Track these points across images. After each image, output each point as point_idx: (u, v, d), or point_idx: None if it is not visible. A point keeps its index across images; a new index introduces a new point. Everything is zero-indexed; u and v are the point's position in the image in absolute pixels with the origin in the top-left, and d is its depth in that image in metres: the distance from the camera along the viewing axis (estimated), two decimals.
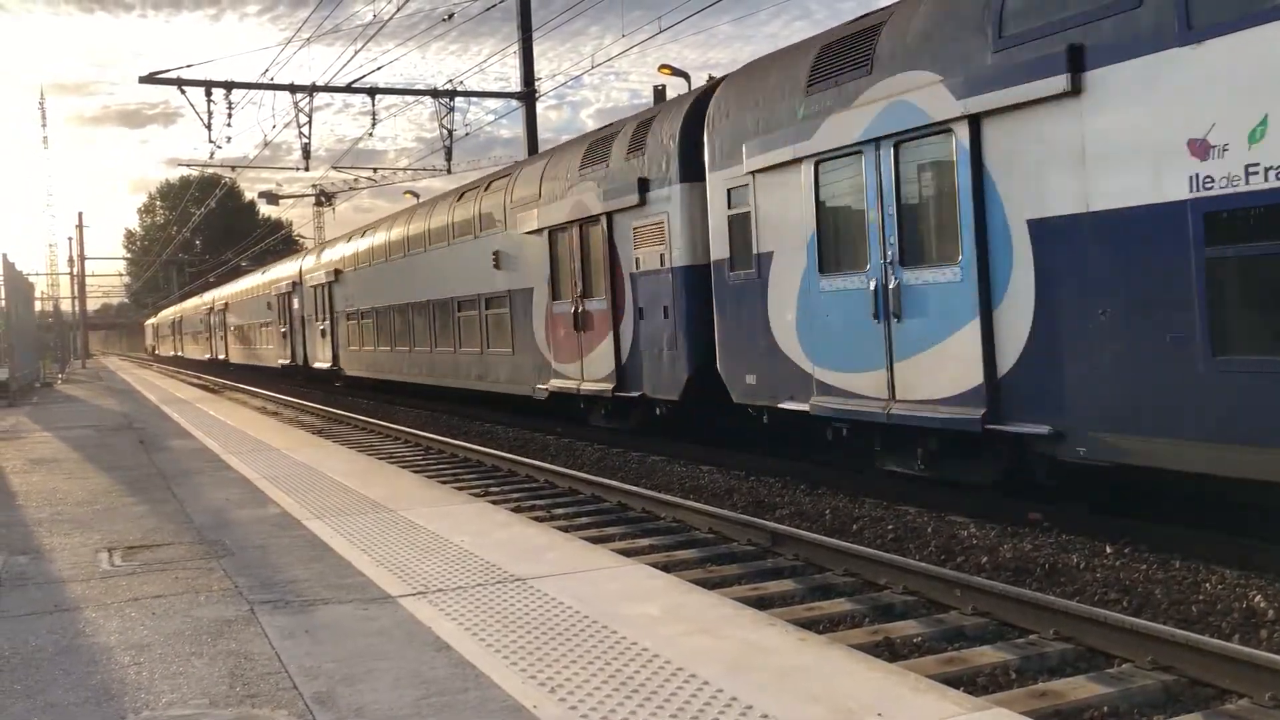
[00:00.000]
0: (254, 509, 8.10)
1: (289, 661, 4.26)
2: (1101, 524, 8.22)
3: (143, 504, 8.60)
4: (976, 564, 7.58)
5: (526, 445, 15.72)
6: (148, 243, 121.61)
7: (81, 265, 68.63)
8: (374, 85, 27.79)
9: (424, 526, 7.06)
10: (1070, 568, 7.34)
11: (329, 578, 5.71)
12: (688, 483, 11.63)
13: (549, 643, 4.36)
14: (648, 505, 10.18)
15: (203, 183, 76.43)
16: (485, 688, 3.87)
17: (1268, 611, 6.18)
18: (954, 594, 6.61)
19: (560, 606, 4.92)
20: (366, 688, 3.92)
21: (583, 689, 3.80)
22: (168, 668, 4.26)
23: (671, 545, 8.75)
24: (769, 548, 8.30)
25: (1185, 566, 7.16)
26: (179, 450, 12.71)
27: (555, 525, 8.87)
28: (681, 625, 4.58)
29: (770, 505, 10.09)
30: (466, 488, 11.82)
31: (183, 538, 7.06)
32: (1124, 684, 5.17)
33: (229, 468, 10.76)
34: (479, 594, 5.21)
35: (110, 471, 10.80)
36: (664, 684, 3.82)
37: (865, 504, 9.81)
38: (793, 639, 4.40)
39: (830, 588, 7.23)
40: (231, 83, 26.30)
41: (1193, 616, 6.24)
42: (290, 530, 7.15)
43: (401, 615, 4.90)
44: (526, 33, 27.11)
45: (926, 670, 5.14)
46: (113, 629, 4.89)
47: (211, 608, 5.19)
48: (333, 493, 8.78)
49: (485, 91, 77.83)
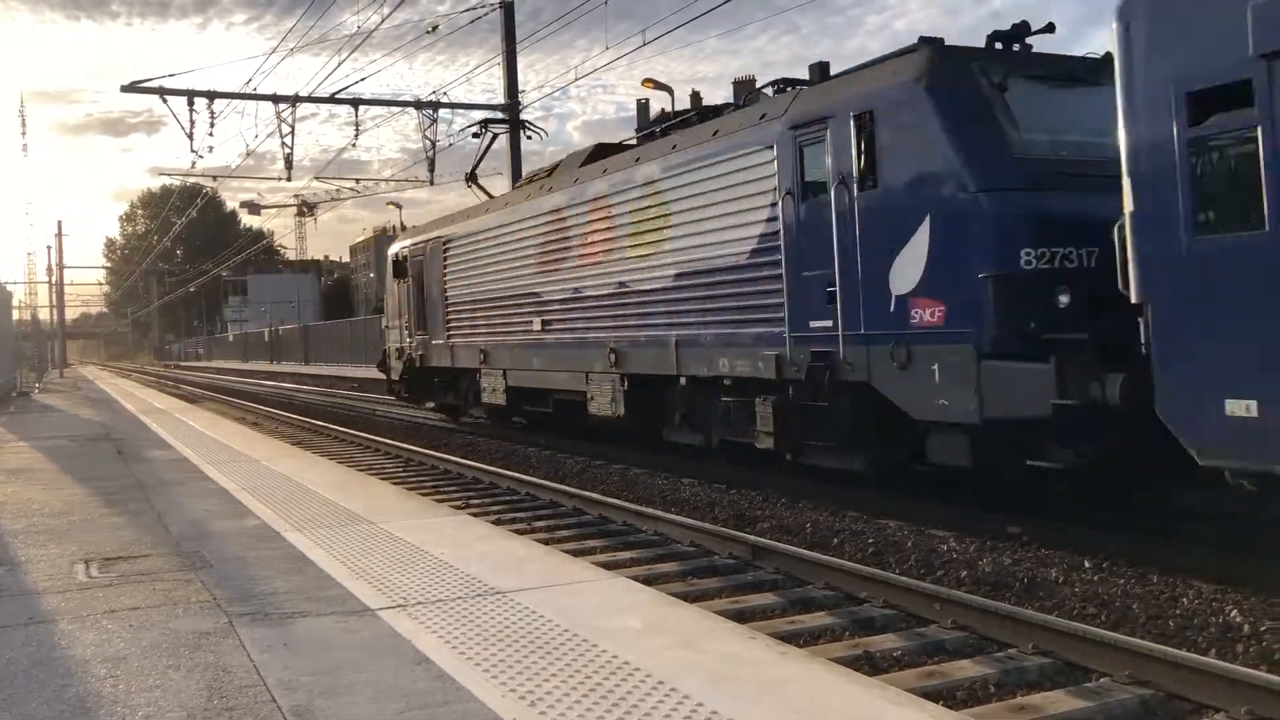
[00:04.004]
0: (233, 520, 8.05)
1: (267, 674, 4.24)
2: (1080, 538, 8.26)
3: (120, 515, 8.54)
4: (956, 578, 7.61)
5: (508, 458, 15.67)
6: (128, 251, 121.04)
7: (60, 274, 68.21)
8: (357, 96, 27.78)
9: (404, 539, 7.03)
10: (1049, 582, 7.37)
11: (308, 590, 5.68)
12: (669, 495, 11.63)
13: (529, 656, 4.35)
14: (629, 518, 10.17)
15: (184, 192, 76.23)
16: (465, 701, 3.86)
17: (1244, 626, 6.22)
18: (934, 608, 6.63)
19: (541, 619, 4.91)
20: (346, 701, 3.90)
21: (563, 702, 3.79)
22: (144, 680, 4.23)
23: (653, 558, 8.74)
24: (750, 561, 8.30)
25: (1163, 581, 7.20)
26: (157, 461, 12.63)
27: (536, 538, 8.85)
28: (662, 638, 4.58)
29: (751, 518, 10.10)
30: (447, 500, 11.78)
31: (161, 549, 7.02)
32: (1102, 698, 5.19)
33: (208, 479, 10.70)
34: (460, 607, 5.20)
35: (87, 482, 10.72)
36: (645, 697, 3.82)
37: (846, 517, 9.83)
38: (773, 652, 4.41)
39: (811, 601, 7.24)
40: (214, 92, 26.23)
41: (1170, 631, 6.27)
42: (269, 542, 7.11)
43: (381, 628, 4.88)
44: (511, 45, 27.16)
45: (906, 684, 5.15)
46: (89, 641, 4.85)
47: (189, 620, 5.15)
48: (312, 504, 8.74)
49: (469, 104, 77.99)
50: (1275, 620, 6.29)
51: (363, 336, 57.96)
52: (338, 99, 27.34)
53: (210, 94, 26.16)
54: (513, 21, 27.15)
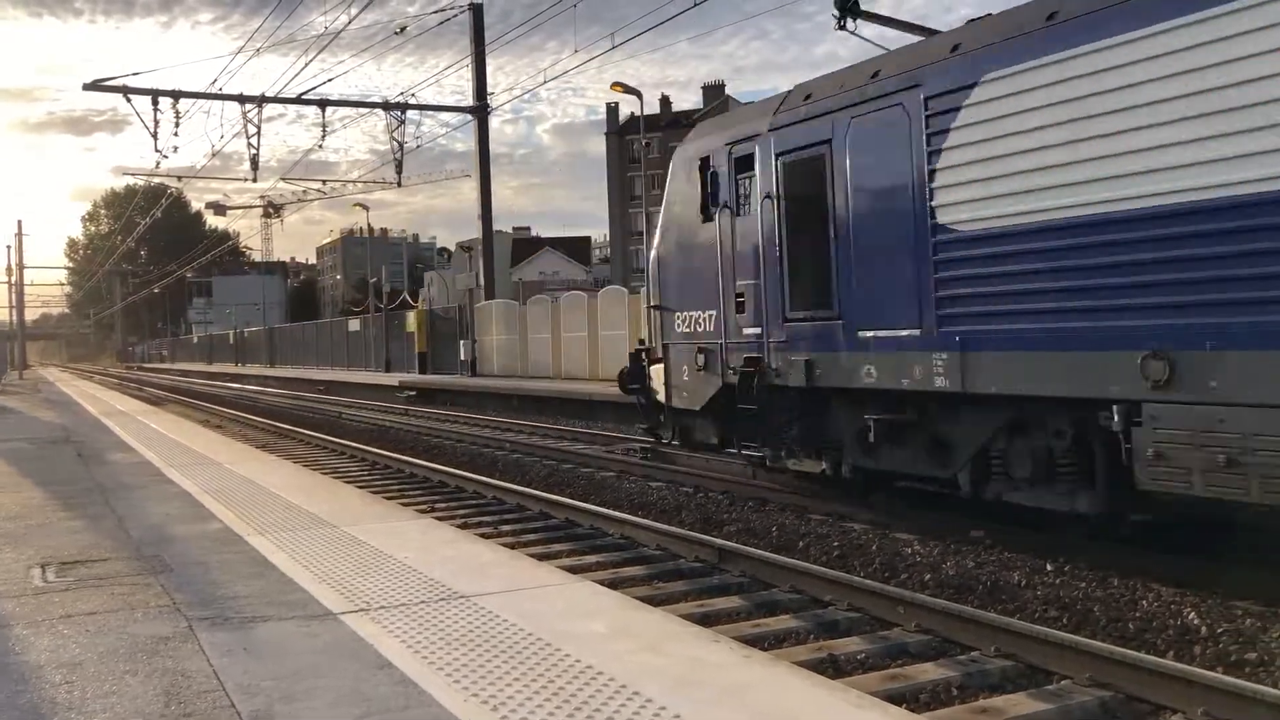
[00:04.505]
0: (195, 524, 7.96)
1: (227, 679, 4.19)
2: (1042, 542, 8.33)
3: (80, 519, 8.42)
4: (920, 581, 7.66)
5: (474, 461, 15.61)
6: (91, 252, 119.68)
7: (20, 274, 67.20)
8: (324, 97, 27.67)
9: (368, 543, 6.99)
10: (1011, 585, 7.44)
11: (270, 594, 5.62)
12: (636, 499, 11.63)
13: (492, 660, 4.33)
14: (596, 521, 10.16)
15: (149, 192, 75.38)
16: (427, 705, 3.83)
17: (1201, 628, 6.30)
18: (897, 611, 6.66)
19: (505, 624, 4.89)
20: (305, 706, 3.86)
21: (525, 706, 3.77)
22: (101, 686, 4.17)
23: (619, 562, 8.74)
24: (716, 564, 8.31)
25: (1123, 584, 7.28)
26: (118, 464, 12.47)
27: (502, 542, 8.81)
28: (627, 642, 4.57)
29: (718, 522, 10.11)
30: (412, 504, 11.71)
31: (120, 553, 6.92)
32: (1062, 700, 5.24)
33: (170, 482, 10.57)
34: (422, 611, 5.17)
35: (46, 486, 10.56)
36: (607, 701, 3.81)
37: (811, 521, 9.87)
38: (738, 656, 4.42)
39: (776, 604, 7.26)
40: (179, 91, 26.01)
41: (1129, 633, 6.34)
42: (231, 546, 7.04)
43: (343, 632, 4.84)
44: (479, 46, 27.12)
45: (869, 687, 5.17)
46: (44, 647, 4.77)
47: (148, 625, 5.09)
48: (276, 508, 8.66)
49: (437, 105, 77.83)
50: (1231, 623, 6.38)
51: (329, 339, 57.65)
52: (305, 100, 27.20)
53: (175, 93, 25.93)
54: (481, 23, 27.14)
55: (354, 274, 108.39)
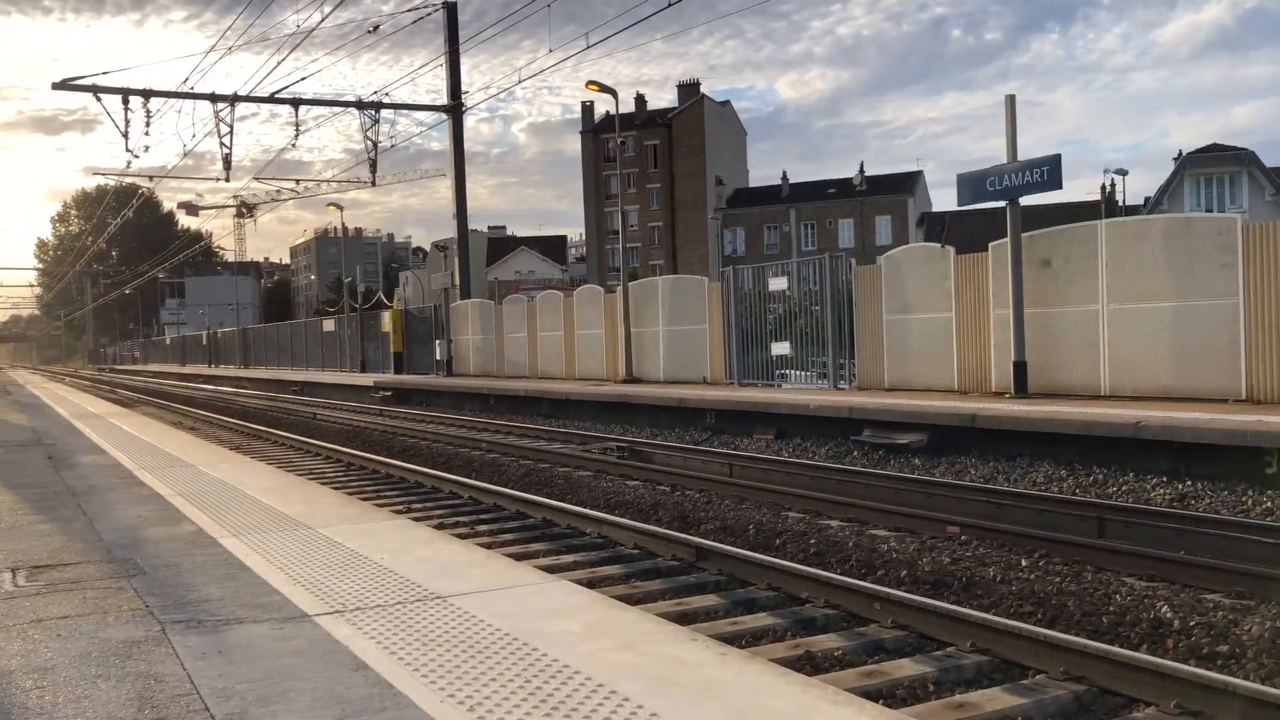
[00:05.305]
0: (167, 527, 7.89)
1: (201, 683, 4.15)
2: (1017, 537, 8.39)
3: (50, 522, 8.32)
4: (896, 577, 7.69)
5: (450, 461, 15.56)
6: (61, 252, 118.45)
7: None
8: (297, 96, 27.48)
9: (343, 544, 6.94)
10: (987, 580, 7.48)
11: (244, 596, 5.58)
12: (613, 498, 11.62)
13: (469, 661, 4.31)
14: (573, 521, 10.14)
15: (120, 192, 74.71)
16: (403, 707, 3.81)
17: (1174, 621, 6.37)
18: (874, 607, 6.69)
19: (481, 624, 4.87)
20: (281, 708, 3.83)
21: (502, 707, 3.76)
22: (72, 691, 4.12)
23: (596, 561, 8.73)
24: (693, 563, 8.32)
25: (1097, 579, 7.34)
26: (90, 466, 12.34)
27: (478, 542, 8.78)
28: (604, 641, 4.56)
29: (695, 520, 10.12)
30: (388, 504, 11.66)
31: (92, 556, 6.85)
32: (1037, 694, 5.28)
33: (142, 484, 10.47)
34: (398, 612, 5.14)
35: (15, 489, 10.44)
36: (584, 701, 3.80)
37: (788, 519, 9.90)
38: (714, 654, 4.42)
39: (753, 602, 7.27)
40: (150, 91, 25.77)
41: (1103, 627, 6.40)
42: (205, 548, 6.98)
43: (318, 634, 4.80)
44: (453, 45, 27.02)
45: (846, 683, 5.19)
46: (14, 652, 4.72)
47: (121, 628, 5.04)
48: (250, 510, 8.59)
49: (411, 104, 77.48)
50: (1203, 616, 6.45)
51: (304, 339, 57.26)
52: (278, 99, 27.00)
53: (146, 92, 25.69)
54: (455, 21, 27.03)
55: (328, 274, 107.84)
